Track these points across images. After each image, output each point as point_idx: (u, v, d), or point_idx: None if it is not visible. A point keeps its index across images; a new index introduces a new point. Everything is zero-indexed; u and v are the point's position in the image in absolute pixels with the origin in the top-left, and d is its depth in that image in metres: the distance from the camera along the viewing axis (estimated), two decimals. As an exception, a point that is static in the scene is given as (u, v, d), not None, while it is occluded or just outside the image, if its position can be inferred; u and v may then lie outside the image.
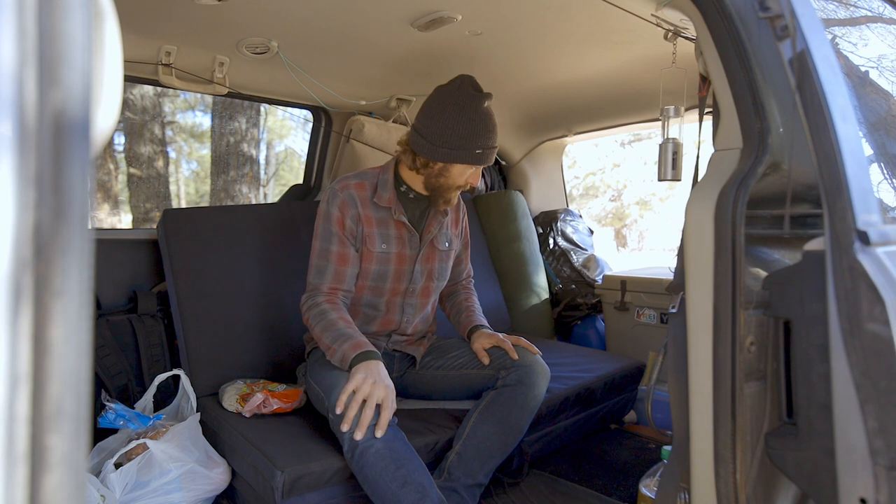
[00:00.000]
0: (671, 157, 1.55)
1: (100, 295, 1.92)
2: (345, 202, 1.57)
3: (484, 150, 1.54)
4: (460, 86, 1.55)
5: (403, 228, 1.63)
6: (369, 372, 1.35)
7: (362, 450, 1.28)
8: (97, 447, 1.59)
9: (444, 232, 1.73)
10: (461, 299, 1.85)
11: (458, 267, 1.87)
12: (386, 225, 1.61)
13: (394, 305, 1.67)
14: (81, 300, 0.26)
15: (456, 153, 1.52)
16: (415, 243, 1.65)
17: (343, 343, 1.43)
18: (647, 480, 1.41)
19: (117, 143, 6.25)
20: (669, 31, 1.49)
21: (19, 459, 0.24)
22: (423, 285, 1.70)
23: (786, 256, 0.90)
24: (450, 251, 1.75)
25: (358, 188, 1.60)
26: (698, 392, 0.85)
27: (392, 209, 1.61)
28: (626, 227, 11.83)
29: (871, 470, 0.68)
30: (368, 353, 1.41)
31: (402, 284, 1.66)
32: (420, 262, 1.66)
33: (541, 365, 1.58)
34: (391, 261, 1.62)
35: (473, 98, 1.53)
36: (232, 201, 6.79)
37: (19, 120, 0.24)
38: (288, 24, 1.71)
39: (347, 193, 1.58)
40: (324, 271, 1.56)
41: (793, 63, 0.81)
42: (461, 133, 1.51)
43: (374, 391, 1.32)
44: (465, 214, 1.86)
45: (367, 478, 1.28)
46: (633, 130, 2.95)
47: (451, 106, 1.53)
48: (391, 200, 1.61)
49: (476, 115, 1.51)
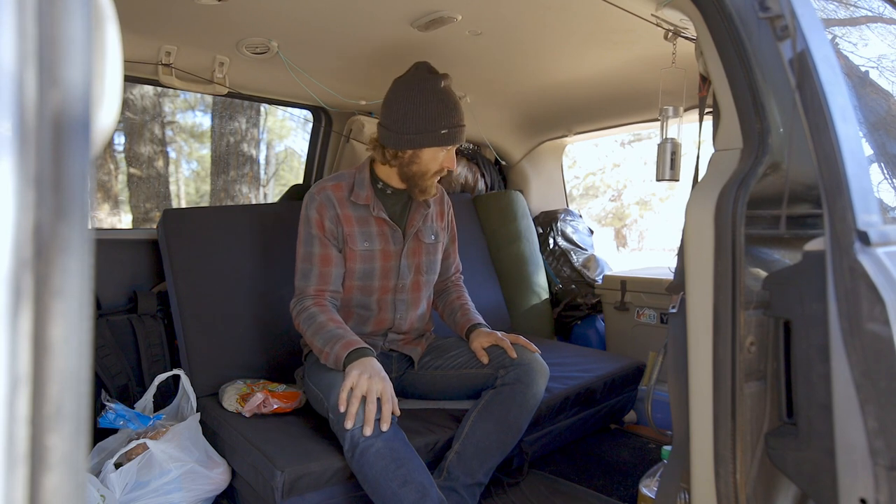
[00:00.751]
0: (669, 157, 1.55)
1: (100, 295, 1.92)
2: (322, 204, 1.58)
3: (450, 130, 1.53)
4: (415, 72, 1.57)
5: (384, 224, 1.63)
6: (364, 368, 1.36)
7: (363, 449, 1.28)
8: (97, 447, 1.59)
9: (428, 225, 1.72)
10: (453, 298, 1.85)
11: (447, 261, 1.87)
12: (366, 223, 1.62)
13: (385, 303, 1.67)
14: (81, 300, 0.26)
15: (421, 137, 1.53)
16: (398, 238, 1.65)
17: (334, 344, 1.43)
18: (647, 480, 1.41)
19: (117, 143, 6.25)
20: (669, 31, 1.49)
21: (19, 459, 0.24)
22: (413, 280, 1.69)
23: (786, 256, 0.90)
24: (437, 244, 1.75)
25: (334, 189, 1.61)
26: (698, 392, 0.85)
27: (371, 206, 1.61)
28: (626, 227, 11.83)
29: (871, 470, 0.68)
30: (360, 350, 1.41)
31: (391, 281, 1.66)
32: (406, 257, 1.66)
33: (539, 363, 1.58)
34: (375, 258, 1.62)
35: (429, 80, 1.54)
36: (232, 201, 6.79)
37: (19, 120, 0.24)
38: (288, 24, 1.71)
39: (324, 195, 1.59)
40: (308, 274, 1.57)
41: (793, 63, 0.81)
42: (422, 115, 1.52)
43: (371, 385, 1.32)
44: (451, 208, 1.85)
45: (367, 477, 1.28)
46: (633, 130, 2.95)
47: (408, 92, 1.55)
48: (368, 198, 1.61)
49: (434, 95, 1.52)
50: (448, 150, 1.58)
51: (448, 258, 1.87)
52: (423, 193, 1.63)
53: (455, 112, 1.55)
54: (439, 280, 1.87)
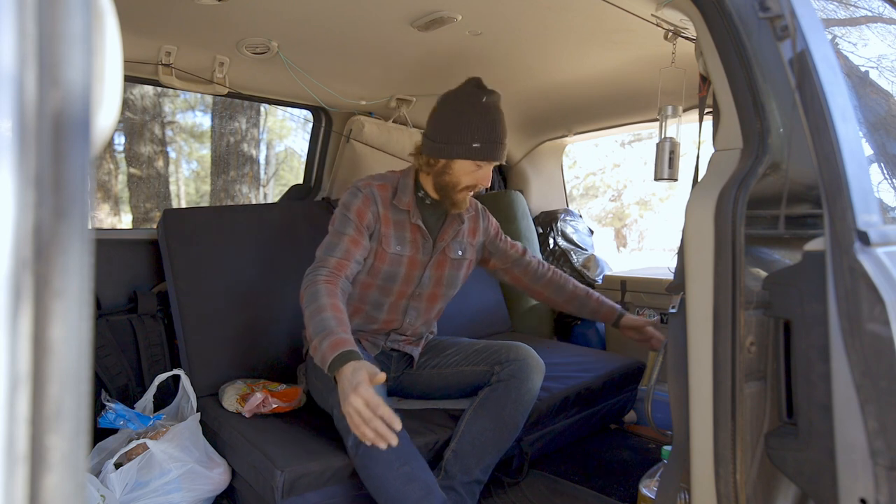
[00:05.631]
0: (668, 157, 1.55)
1: (100, 295, 1.92)
2: (367, 198, 1.58)
3: (483, 145, 1.52)
4: (464, 85, 1.57)
5: (418, 233, 1.63)
6: (347, 385, 1.21)
7: (367, 446, 1.25)
8: (97, 447, 1.59)
9: (458, 240, 1.72)
10: (566, 283, 1.88)
11: (510, 251, 1.87)
12: (402, 227, 1.62)
13: (398, 307, 1.67)
14: (81, 300, 0.26)
15: (451, 148, 1.52)
16: (427, 249, 1.65)
17: (323, 339, 1.31)
18: (647, 480, 1.41)
19: (117, 143, 6.25)
20: (669, 31, 1.49)
21: (19, 459, 0.24)
22: (431, 291, 1.70)
23: (786, 256, 0.90)
24: (462, 260, 1.74)
25: (380, 189, 1.61)
26: (698, 392, 0.85)
27: (410, 212, 1.61)
28: (626, 227, 11.83)
29: (872, 470, 0.68)
30: (344, 354, 1.26)
31: (410, 288, 1.66)
32: (431, 268, 1.66)
33: (535, 359, 1.58)
34: (403, 263, 1.62)
35: (473, 93, 1.54)
36: (232, 201, 6.78)
37: (19, 120, 0.24)
38: (288, 24, 1.71)
39: (370, 190, 1.59)
40: (334, 247, 1.51)
41: (793, 63, 0.81)
42: (456, 126, 1.52)
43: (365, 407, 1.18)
44: (491, 225, 1.85)
45: (371, 474, 1.27)
46: (633, 130, 2.95)
47: (450, 103, 1.56)
48: (409, 204, 1.61)
49: (472, 108, 1.52)
50: (483, 167, 1.56)
51: (510, 248, 1.88)
52: (453, 206, 1.61)
53: (491, 128, 1.52)
54: (518, 268, 1.88)
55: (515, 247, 1.90)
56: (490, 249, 1.85)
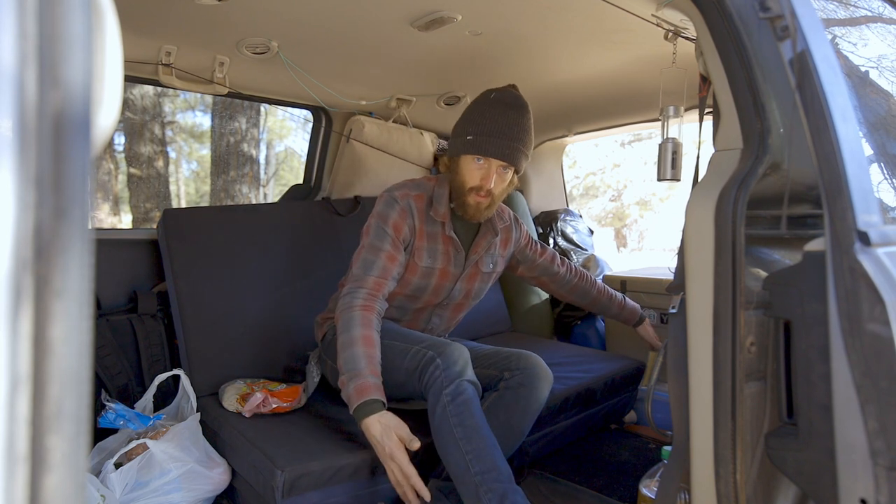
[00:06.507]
0: (671, 157, 1.55)
1: (100, 295, 1.92)
2: (404, 210, 1.56)
3: (476, 137, 1.48)
4: (488, 90, 1.59)
5: (451, 245, 1.62)
6: (381, 449, 1.28)
7: (456, 391, 1.31)
8: (97, 447, 1.59)
9: (490, 253, 1.71)
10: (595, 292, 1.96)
11: (541, 259, 1.89)
12: (435, 239, 1.60)
13: (423, 313, 1.68)
14: (81, 300, 0.26)
15: (454, 143, 1.53)
16: (459, 261, 1.64)
17: (351, 380, 1.34)
18: (647, 480, 1.41)
19: (117, 143, 6.25)
20: (669, 32, 1.49)
21: (20, 460, 0.24)
22: (458, 302, 1.71)
23: (786, 257, 0.90)
24: (492, 273, 1.74)
25: (417, 199, 1.59)
26: (698, 392, 0.85)
27: (444, 224, 1.60)
28: (626, 227, 11.83)
29: (872, 470, 0.68)
30: (368, 404, 1.30)
31: (439, 297, 1.66)
32: (462, 282, 1.66)
33: (544, 369, 1.57)
34: (434, 275, 1.61)
35: (488, 93, 1.54)
36: (232, 201, 6.79)
37: (20, 119, 0.24)
38: (288, 24, 1.71)
39: (407, 203, 1.57)
40: (371, 265, 1.50)
41: (793, 63, 0.81)
42: (460, 122, 1.53)
43: (400, 474, 1.27)
44: (523, 235, 1.85)
45: (465, 422, 1.30)
46: (633, 130, 2.94)
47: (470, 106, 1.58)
48: (445, 215, 1.59)
49: (478, 104, 1.52)
50: (483, 164, 1.51)
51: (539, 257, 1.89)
52: (463, 211, 1.58)
53: (490, 121, 1.48)
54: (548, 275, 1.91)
55: (545, 254, 1.91)
56: (519, 258, 1.85)
